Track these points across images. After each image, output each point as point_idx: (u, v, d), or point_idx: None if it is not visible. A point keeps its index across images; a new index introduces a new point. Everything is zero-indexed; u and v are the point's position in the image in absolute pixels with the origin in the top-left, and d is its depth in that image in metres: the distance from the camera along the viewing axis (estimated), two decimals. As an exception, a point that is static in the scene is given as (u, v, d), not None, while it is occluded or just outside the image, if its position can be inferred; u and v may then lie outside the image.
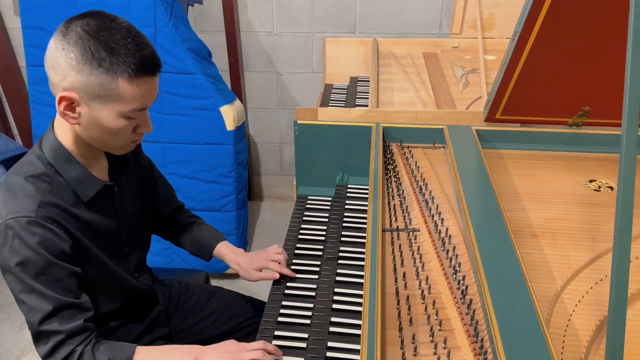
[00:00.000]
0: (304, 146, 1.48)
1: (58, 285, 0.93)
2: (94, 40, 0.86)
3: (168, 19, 1.98)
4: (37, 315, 0.91)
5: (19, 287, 0.92)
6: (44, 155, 0.97)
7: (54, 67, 0.89)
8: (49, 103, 2.17)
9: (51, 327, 0.92)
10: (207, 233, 1.30)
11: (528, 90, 1.37)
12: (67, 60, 0.87)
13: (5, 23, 2.48)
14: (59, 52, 0.87)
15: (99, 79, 0.87)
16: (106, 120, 0.91)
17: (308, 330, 1.03)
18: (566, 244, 1.10)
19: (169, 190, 1.32)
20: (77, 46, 0.86)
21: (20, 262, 0.90)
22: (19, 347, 2.09)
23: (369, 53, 2.15)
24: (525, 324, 0.81)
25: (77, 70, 0.86)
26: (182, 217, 1.33)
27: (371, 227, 1.07)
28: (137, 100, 0.91)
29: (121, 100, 0.90)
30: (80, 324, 0.94)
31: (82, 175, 0.99)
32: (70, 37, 0.87)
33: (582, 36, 1.22)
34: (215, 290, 1.42)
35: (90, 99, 0.89)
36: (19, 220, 0.90)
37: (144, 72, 0.89)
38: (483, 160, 1.27)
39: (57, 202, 0.95)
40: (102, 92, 0.88)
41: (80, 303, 0.96)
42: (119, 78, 0.87)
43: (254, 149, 2.88)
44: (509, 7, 2.09)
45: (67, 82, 0.88)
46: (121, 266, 1.12)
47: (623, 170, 0.73)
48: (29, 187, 0.93)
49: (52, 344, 0.93)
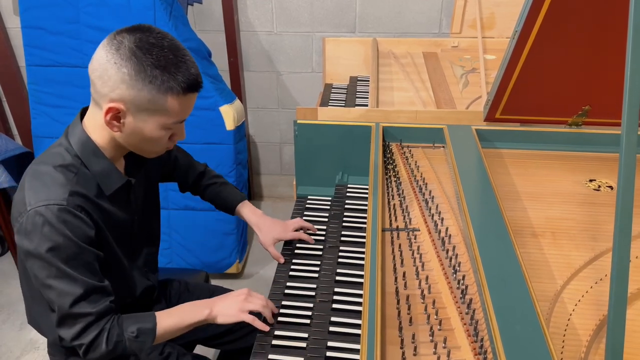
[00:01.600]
0: (304, 146, 1.48)
1: (87, 269, 0.96)
2: (147, 57, 0.89)
3: (168, 18, 1.98)
4: (67, 298, 0.94)
5: (46, 272, 0.94)
6: (71, 147, 1.00)
7: (103, 78, 0.91)
8: (48, 103, 2.17)
9: (81, 309, 0.96)
10: (226, 192, 1.37)
11: (528, 89, 1.37)
12: (119, 74, 0.90)
13: (5, 23, 2.48)
14: (110, 65, 0.90)
15: (149, 95, 0.91)
16: (149, 131, 0.96)
17: (308, 330, 1.03)
18: (566, 244, 1.10)
19: (188, 159, 1.38)
20: (130, 62, 0.89)
21: (52, 247, 0.92)
22: (19, 347, 2.09)
23: (369, 53, 2.14)
24: (525, 324, 0.81)
25: (129, 85, 0.90)
26: (205, 179, 1.39)
27: (371, 226, 1.07)
28: (179, 114, 0.97)
29: (166, 114, 0.95)
30: (107, 305, 0.99)
31: (108, 169, 1.02)
32: (122, 52, 0.89)
33: (582, 35, 1.22)
34: (215, 289, 1.42)
35: (137, 111, 0.93)
36: (50, 207, 0.92)
37: (190, 90, 0.94)
38: (483, 160, 1.27)
39: (84, 192, 0.98)
40: (151, 106, 0.93)
41: (105, 286, 1.00)
42: (169, 95, 0.92)
43: (254, 149, 2.88)
44: (508, 6, 2.09)
45: (116, 94, 0.91)
46: (131, 260, 1.15)
47: (623, 170, 0.73)
48: (58, 176, 0.96)
49: (81, 326, 0.97)
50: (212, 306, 1.05)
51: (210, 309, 1.04)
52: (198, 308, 1.05)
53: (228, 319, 1.04)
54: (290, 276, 1.19)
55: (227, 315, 1.04)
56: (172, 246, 2.28)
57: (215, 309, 1.05)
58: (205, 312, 1.04)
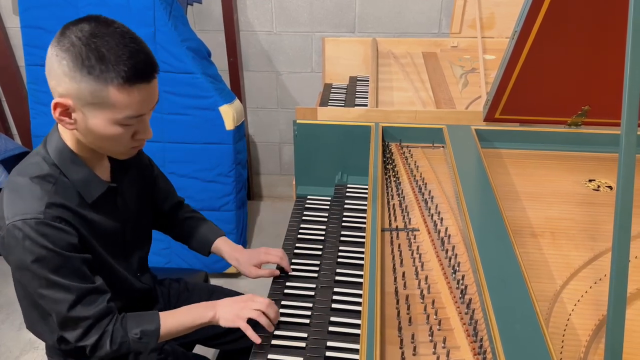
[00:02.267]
0: (304, 146, 1.48)
1: (76, 275, 0.95)
2: (85, 47, 0.85)
3: (167, 18, 1.98)
4: (62, 305, 0.94)
5: (37, 282, 0.93)
6: (48, 156, 0.97)
7: (50, 73, 0.89)
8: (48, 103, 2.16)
9: (78, 313, 0.95)
10: (206, 229, 1.30)
11: (527, 89, 1.37)
12: (60, 67, 0.87)
13: (5, 23, 2.47)
14: (53, 58, 0.87)
15: (90, 86, 0.86)
16: (100, 127, 0.91)
17: (307, 330, 1.03)
18: (565, 244, 1.10)
19: (168, 186, 1.33)
20: (68, 53, 0.85)
21: (36, 259, 0.91)
22: (19, 346, 2.08)
23: (369, 53, 2.14)
24: (524, 324, 0.81)
25: (70, 77, 0.86)
26: (182, 212, 1.33)
27: (370, 226, 1.07)
28: (130, 108, 0.89)
29: (113, 108, 0.89)
30: (104, 306, 0.98)
31: (87, 177, 0.99)
32: (63, 44, 0.86)
33: (582, 35, 1.22)
34: (214, 289, 1.42)
35: (83, 106, 0.89)
36: (27, 222, 0.90)
37: (135, 80, 0.87)
38: (482, 160, 1.27)
39: (63, 203, 0.95)
40: (94, 99, 0.87)
41: (98, 287, 0.99)
42: (110, 85, 0.86)
43: (254, 149, 2.88)
44: (508, 6, 2.09)
45: (62, 88, 0.88)
46: (124, 266, 1.13)
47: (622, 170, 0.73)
48: (35, 188, 0.93)
49: (82, 329, 0.97)
50: (216, 309, 1.05)
51: (215, 312, 1.05)
52: (203, 310, 1.05)
53: (227, 323, 1.04)
54: (290, 276, 1.19)
55: (226, 319, 1.04)
56: (172, 246, 2.28)
57: (219, 312, 1.05)
58: (209, 314, 1.05)
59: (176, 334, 1.05)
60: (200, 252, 1.30)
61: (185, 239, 1.31)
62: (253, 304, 1.04)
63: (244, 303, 1.05)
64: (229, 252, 1.26)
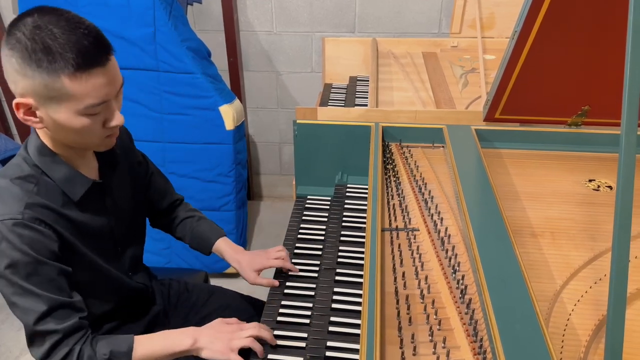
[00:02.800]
0: (304, 146, 1.48)
1: (50, 285, 0.91)
2: (30, 41, 0.82)
3: (167, 18, 1.98)
4: (31, 316, 0.90)
5: (10, 289, 0.91)
6: (29, 157, 0.95)
7: (7, 74, 0.86)
8: (48, 102, 2.17)
9: (47, 327, 0.91)
10: (206, 228, 1.28)
11: (527, 89, 1.37)
12: (11, 65, 0.84)
13: (5, 23, 2.48)
14: (5, 58, 0.85)
15: (42, 80, 0.83)
16: (66, 121, 0.87)
17: (307, 330, 1.03)
18: (565, 244, 1.10)
19: (166, 184, 1.31)
20: (15, 50, 0.83)
21: (10, 264, 0.88)
22: (18, 347, 2.08)
23: (369, 53, 2.14)
24: (524, 324, 0.81)
25: (22, 75, 0.83)
26: (182, 210, 1.32)
27: (370, 226, 1.07)
28: (89, 96, 0.86)
29: (72, 99, 0.85)
30: (76, 322, 0.94)
31: (69, 174, 0.97)
32: (10, 41, 0.83)
33: (582, 35, 1.22)
34: (214, 289, 1.42)
35: (44, 101, 0.85)
36: (5, 222, 0.88)
37: (87, 66, 0.83)
38: (482, 160, 1.27)
39: (45, 203, 0.93)
40: (51, 93, 0.84)
41: (73, 302, 0.95)
42: (61, 76, 0.83)
43: (254, 149, 2.88)
44: (508, 6, 2.09)
45: (20, 87, 0.85)
46: (115, 265, 1.11)
47: (622, 170, 0.73)
48: (15, 189, 0.91)
49: (48, 345, 0.92)
50: (197, 336, 0.98)
51: (195, 339, 0.98)
52: (182, 336, 0.99)
53: (215, 355, 0.97)
54: (289, 276, 1.19)
55: (214, 351, 0.97)
56: (172, 246, 2.28)
57: (201, 341, 0.98)
58: (188, 341, 0.98)
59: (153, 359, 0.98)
60: (201, 251, 1.29)
61: (185, 237, 1.30)
62: (243, 333, 0.98)
63: (231, 334, 0.98)
64: (230, 253, 1.24)
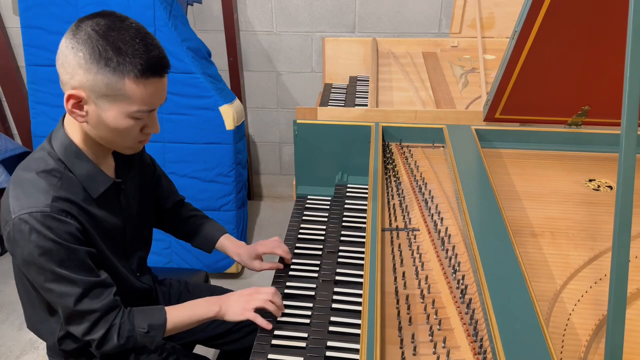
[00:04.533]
0: (304, 145, 1.48)
1: (82, 268, 0.96)
2: (103, 40, 0.87)
3: (167, 18, 1.98)
4: (69, 299, 0.95)
5: (43, 277, 0.94)
6: (54, 151, 0.98)
7: (64, 66, 0.90)
8: (48, 102, 2.17)
9: (85, 306, 0.96)
10: (209, 226, 1.32)
11: (527, 89, 1.37)
12: (75, 58, 0.88)
13: (5, 22, 2.47)
14: (68, 50, 0.88)
15: (106, 78, 0.88)
16: (113, 120, 0.92)
17: (308, 330, 1.03)
18: (565, 244, 1.10)
19: (170, 185, 1.35)
20: (85, 45, 0.87)
21: (42, 253, 0.91)
22: (19, 346, 2.08)
23: (369, 52, 2.15)
24: (524, 324, 0.81)
25: (85, 69, 0.87)
26: (184, 210, 1.35)
27: (371, 226, 1.07)
28: (144, 101, 0.92)
29: (128, 101, 0.91)
30: (111, 299, 0.99)
31: (92, 171, 1.00)
32: (79, 36, 0.87)
33: (582, 35, 1.22)
34: (214, 289, 1.42)
35: (97, 98, 0.90)
36: (34, 215, 0.91)
37: (150, 73, 0.90)
38: (482, 160, 1.27)
39: (69, 197, 0.96)
40: (109, 91, 0.89)
41: (103, 280, 1.00)
42: (126, 78, 0.88)
43: (254, 149, 2.88)
44: (508, 6, 2.09)
45: (76, 80, 0.89)
46: (124, 264, 1.13)
47: (622, 170, 0.73)
48: (41, 183, 0.94)
49: (89, 323, 0.98)
50: (221, 303, 1.08)
51: (220, 306, 1.07)
52: (209, 305, 1.08)
53: (234, 316, 1.07)
54: (290, 276, 1.19)
55: (233, 313, 1.07)
56: (172, 246, 2.28)
57: (224, 306, 1.07)
58: (215, 309, 1.07)
59: (182, 328, 1.07)
60: (204, 249, 1.33)
61: (189, 236, 1.33)
62: (259, 295, 1.07)
63: (249, 296, 1.08)
64: (232, 248, 1.29)
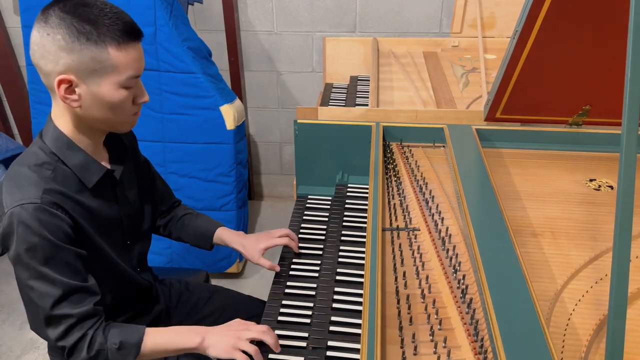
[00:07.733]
0: (304, 145, 1.48)
1: (67, 269, 0.94)
2: (76, 17, 0.88)
3: (168, 18, 1.98)
4: (48, 300, 0.93)
5: (27, 273, 0.93)
6: (45, 145, 0.98)
7: (44, 56, 0.90)
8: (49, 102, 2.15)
9: (62, 311, 0.94)
10: (204, 221, 1.31)
11: (528, 89, 1.37)
12: (55, 43, 0.88)
13: (5, 22, 2.48)
14: (44, 39, 0.89)
15: (90, 52, 0.89)
16: (107, 94, 0.93)
17: (308, 330, 1.03)
18: (566, 243, 1.10)
19: (165, 187, 1.34)
20: (61, 27, 0.88)
21: (28, 248, 0.91)
22: (20, 346, 2.09)
23: (369, 52, 2.14)
24: (525, 323, 0.81)
25: (69, 50, 0.88)
26: (179, 211, 1.34)
27: (371, 226, 1.07)
28: (130, 67, 0.94)
29: (115, 70, 0.92)
30: (90, 308, 0.96)
31: (85, 161, 1.00)
32: (51, 22, 0.88)
33: (583, 35, 1.22)
34: (215, 289, 1.42)
35: (87, 76, 0.91)
36: (24, 207, 0.91)
37: (129, 38, 0.92)
38: (483, 160, 1.27)
39: (61, 190, 0.96)
40: (97, 65, 0.90)
41: (88, 286, 0.97)
42: (109, 47, 0.90)
43: (254, 148, 2.88)
44: (509, 6, 2.09)
45: (61, 65, 0.89)
46: (124, 258, 1.13)
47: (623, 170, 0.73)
48: (32, 176, 0.94)
49: (63, 328, 0.95)
50: (205, 335, 1.00)
51: (203, 338, 0.99)
52: (190, 334, 1.01)
53: (220, 353, 0.98)
54: (290, 276, 1.19)
55: (219, 348, 0.98)
56: (172, 246, 2.28)
57: (208, 340, 0.99)
58: (196, 339, 0.99)
59: (159, 353, 1.00)
60: (202, 247, 1.30)
61: (186, 235, 1.31)
62: (249, 333, 0.98)
63: (238, 332, 0.99)
64: (233, 238, 1.26)
